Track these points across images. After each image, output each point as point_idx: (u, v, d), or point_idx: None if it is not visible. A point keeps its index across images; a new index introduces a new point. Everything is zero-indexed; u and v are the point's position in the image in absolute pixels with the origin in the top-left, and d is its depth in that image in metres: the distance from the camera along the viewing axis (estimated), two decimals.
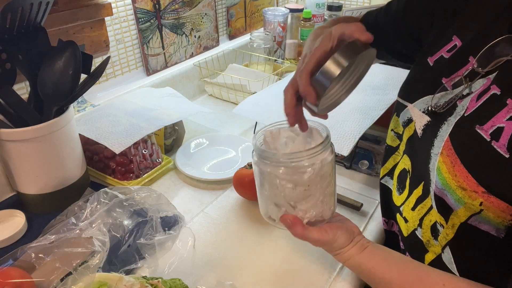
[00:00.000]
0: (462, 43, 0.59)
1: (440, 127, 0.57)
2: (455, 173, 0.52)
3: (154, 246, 0.66)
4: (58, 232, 0.62)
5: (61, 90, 0.72)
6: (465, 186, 0.50)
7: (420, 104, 0.62)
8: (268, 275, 0.66)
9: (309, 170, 0.53)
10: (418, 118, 0.62)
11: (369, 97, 1.02)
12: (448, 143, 0.54)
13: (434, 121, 0.59)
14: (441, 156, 0.55)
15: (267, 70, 1.30)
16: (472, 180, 0.50)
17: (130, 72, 1.12)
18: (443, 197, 0.54)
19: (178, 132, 1.00)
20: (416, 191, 0.62)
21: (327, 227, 0.58)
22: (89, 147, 0.87)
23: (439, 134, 0.57)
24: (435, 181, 0.55)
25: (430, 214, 0.59)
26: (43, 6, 0.67)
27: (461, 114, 0.55)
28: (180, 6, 1.19)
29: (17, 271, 0.56)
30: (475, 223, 0.51)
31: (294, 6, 1.49)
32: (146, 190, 0.72)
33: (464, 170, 0.51)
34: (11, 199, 0.81)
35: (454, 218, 0.53)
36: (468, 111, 0.54)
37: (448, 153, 0.54)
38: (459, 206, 0.52)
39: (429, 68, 0.63)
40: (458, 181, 0.51)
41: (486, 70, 0.54)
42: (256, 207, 0.81)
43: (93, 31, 0.97)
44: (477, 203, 0.49)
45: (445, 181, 0.53)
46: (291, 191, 0.54)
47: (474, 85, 0.55)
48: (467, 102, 0.55)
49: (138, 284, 0.54)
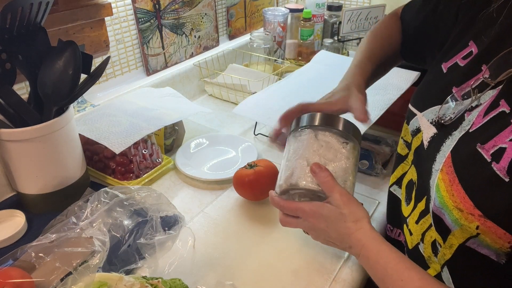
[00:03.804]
0: (478, 50, 0.56)
1: (444, 141, 0.54)
2: (452, 192, 0.49)
3: (154, 246, 0.66)
4: (59, 231, 0.62)
5: (61, 90, 0.72)
6: (462, 208, 0.47)
7: (429, 114, 0.59)
8: (268, 275, 0.66)
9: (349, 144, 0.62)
10: (426, 129, 0.59)
11: (369, 97, 1.01)
12: (449, 160, 0.51)
13: (440, 133, 0.56)
14: (441, 173, 0.51)
15: (267, 70, 1.30)
16: (469, 202, 0.47)
17: (130, 72, 1.12)
18: (440, 216, 0.51)
19: (178, 132, 1.00)
20: (420, 204, 0.59)
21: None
22: (89, 147, 0.87)
23: (442, 149, 0.54)
24: (434, 198, 0.53)
25: (431, 230, 0.56)
26: (43, 6, 0.67)
27: (466, 129, 0.52)
28: (180, 6, 1.19)
29: (17, 271, 0.56)
30: (474, 246, 0.48)
31: (294, 6, 1.49)
32: (146, 190, 0.72)
33: (461, 190, 0.48)
34: (11, 199, 0.81)
35: (452, 239, 0.51)
36: (474, 126, 0.51)
37: (447, 170, 0.51)
38: (456, 228, 0.49)
39: (442, 76, 0.60)
40: (455, 201, 0.48)
41: (496, 81, 0.50)
42: (256, 207, 0.81)
43: (93, 31, 0.97)
44: (474, 226, 0.46)
45: (443, 199, 0.50)
46: (326, 151, 0.60)
47: (483, 97, 0.52)
48: (474, 116, 0.51)
49: (138, 284, 0.54)
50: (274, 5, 1.62)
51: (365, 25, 1.41)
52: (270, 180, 0.80)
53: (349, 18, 1.39)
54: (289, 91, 1.08)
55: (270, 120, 0.97)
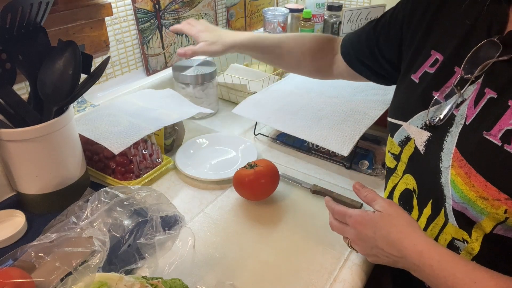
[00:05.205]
0: (443, 56, 0.60)
1: (444, 139, 0.56)
2: (472, 183, 0.50)
3: (154, 246, 0.66)
4: (59, 231, 0.62)
5: (61, 90, 0.72)
6: (486, 196, 0.48)
7: (415, 120, 0.62)
8: (268, 275, 0.66)
9: None
10: (417, 135, 0.61)
11: (369, 97, 1.02)
12: (457, 154, 0.53)
13: (435, 135, 0.58)
14: (453, 168, 0.53)
15: (267, 70, 1.30)
16: (492, 188, 0.48)
17: (130, 72, 1.12)
18: (463, 211, 0.52)
19: (178, 132, 1.00)
20: (426, 210, 0.60)
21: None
22: (89, 147, 0.87)
23: (445, 147, 0.55)
24: (452, 196, 0.53)
25: (444, 232, 0.56)
26: (43, 6, 0.67)
27: (462, 123, 0.54)
28: (180, 6, 1.19)
29: (17, 271, 0.56)
30: (501, 231, 0.49)
31: (294, 6, 1.49)
32: (146, 190, 0.72)
33: (481, 179, 0.49)
34: (11, 199, 0.81)
35: (477, 231, 0.51)
36: (468, 118, 0.54)
37: (459, 164, 0.52)
38: (482, 217, 0.50)
39: (415, 85, 0.63)
40: (477, 191, 0.49)
41: (475, 75, 0.54)
42: (256, 207, 0.81)
43: (93, 31, 0.97)
44: (502, 211, 0.47)
45: (463, 193, 0.51)
46: None
47: (465, 92, 0.56)
48: (464, 109, 0.55)
49: (138, 284, 0.54)
50: (274, 5, 1.62)
51: None
52: (270, 180, 0.80)
53: (349, 18, 1.39)
54: (289, 91, 1.08)
55: (270, 120, 0.97)
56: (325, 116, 0.96)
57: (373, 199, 0.59)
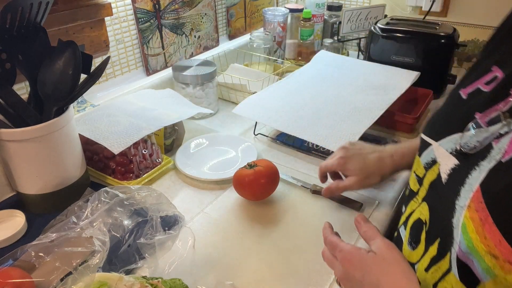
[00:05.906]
0: (504, 74, 0.50)
1: (470, 173, 0.46)
2: (484, 234, 0.40)
3: (154, 246, 0.66)
4: (59, 231, 0.62)
5: (61, 90, 0.72)
6: (497, 253, 0.39)
7: (447, 143, 0.52)
8: (268, 275, 0.66)
9: None
10: (443, 160, 0.52)
11: (370, 97, 1.02)
12: (479, 195, 0.43)
13: (462, 165, 0.48)
14: (469, 210, 0.43)
15: (267, 70, 1.30)
16: (507, 246, 0.38)
17: (130, 72, 1.12)
18: (468, 263, 0.43)
19: (178, 132, 1.00)
20: (432, 248, 0.51)
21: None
22: (89, 147, 0.87)
23: (468, 182, 0.45)
24: (459, 241, 0.44)
25: (445, 280, 0.47)
26: (43, 6, 0.67)
27: (497, 159, 0.44)
28: (180, 6, 1.19)
29: (17, 271, 0.56)
30: None
31: (294, 6, 1.49)
32: (146, 190, 0.72)
33: (496, 232, 0.39)
34: (11, 199, 0.81)
35: None
36: (506, 155, 0.43)
37: (477, 207, 0.42)
38: (488, 278, 0.40)
39: (462, 102, 0.54)
40: (488, 245, 0.40)
41: None
42: (256, 207, 0.81)
43: (93, 31, 0.97)
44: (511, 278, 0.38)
45: (471, 243, 0.42)
46: None
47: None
48: (505, 143, 0.44)
49: (138, 284, 0.54)
50: (274, 5, 1.62)
51: (365, 25, 1.41)
52: (270, 180, 0.80)
53: (349, 18, 1.39)
54: (289, 91, 1.08)
55: (270, 120, 0.97)
56: (325, 116, 0.96)
57: (372, 237, 0.53)
